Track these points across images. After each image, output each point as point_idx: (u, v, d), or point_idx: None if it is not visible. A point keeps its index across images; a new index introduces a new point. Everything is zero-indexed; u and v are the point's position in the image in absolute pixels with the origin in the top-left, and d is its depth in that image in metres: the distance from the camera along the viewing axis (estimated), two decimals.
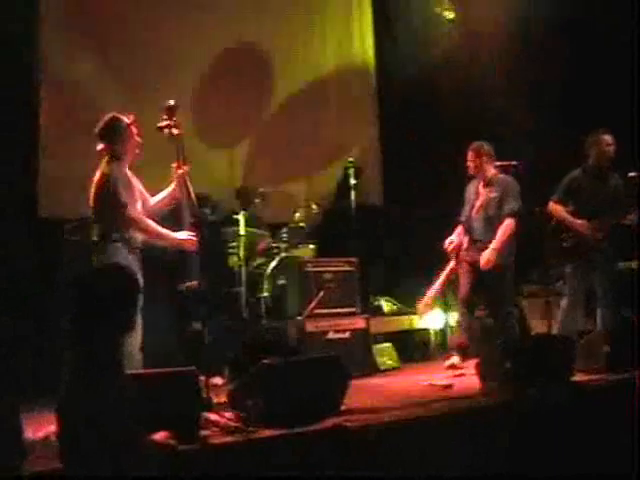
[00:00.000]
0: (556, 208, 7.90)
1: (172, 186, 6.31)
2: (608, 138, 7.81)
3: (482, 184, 8.01)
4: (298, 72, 10.79)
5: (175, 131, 6.23)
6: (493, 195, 7.86)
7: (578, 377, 6.50)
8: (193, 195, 6.15)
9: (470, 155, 7.95)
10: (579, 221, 7.78)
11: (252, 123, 10.26)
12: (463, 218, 8.08)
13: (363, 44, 11.59)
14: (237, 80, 10.05)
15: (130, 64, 9.20)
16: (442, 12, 11.17)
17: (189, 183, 6.18)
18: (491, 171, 7.94)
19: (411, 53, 10.93)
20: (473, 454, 5.30)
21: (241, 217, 8.20)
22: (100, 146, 6.08)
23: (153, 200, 6.36)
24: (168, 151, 6.33)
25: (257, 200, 8.72)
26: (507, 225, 7.73)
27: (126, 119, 6.12)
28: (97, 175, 6.03)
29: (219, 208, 8.75)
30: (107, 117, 6.14)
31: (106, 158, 6.05)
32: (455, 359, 7.76)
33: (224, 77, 9.98)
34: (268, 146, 10.26)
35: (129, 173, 6.16)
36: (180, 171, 6.21)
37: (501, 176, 7.90)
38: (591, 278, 7.85)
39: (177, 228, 6.24)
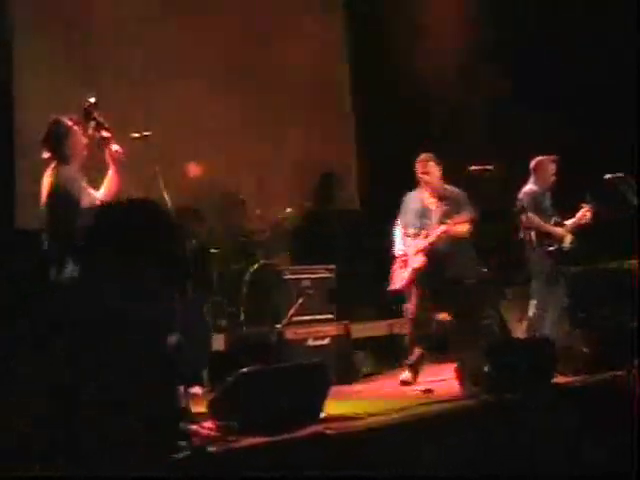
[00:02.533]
0: (532, 218, 8.15)
1: (109, 174, 5.93)
2: (553, 166, 8.33)
3: (431, 196, 7.79)
4: (273, 80, 10.77)
5: (106, 134, 5.87)
6: (446, 208, 7.67)
7: (558, 379, 6.52)
8: (168, 202, 5.93)
9: (421, 166, 7.81)
10: (553, 227, 8.17)
11: (229, 131, 10.22)
12: (413, 229, 7.74)
13: (338, 51, 11.62)
14: (215, 88, 10.03)
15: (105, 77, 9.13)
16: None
17: (163, 188, 5.89)
18: (441, 183, 7.82)
19: (385, 59, 10.95)
20: (454, 458, 5.29)
21: (220, 224, 8.18)
22: (46, 154, 5.78)
23: (100, 195, 5.93)
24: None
25: (236, 208, 8.68)
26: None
27: (68, 121, 5.83)
28: (45, 184, 5.71)
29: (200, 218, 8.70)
30: (49, 122, 5.84)
31: (53, 164, 5.75)
32: (407, 375, 7.44)
33: (198, 83, 9.95)
34: (244, 151, 10.23)
35: (79, 177, 5.84)
36: (113, 149, 5.84)
37: (449, 188, 7.81)
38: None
39: None
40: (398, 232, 7.82)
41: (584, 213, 8.21)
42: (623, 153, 8.96)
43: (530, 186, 8.31)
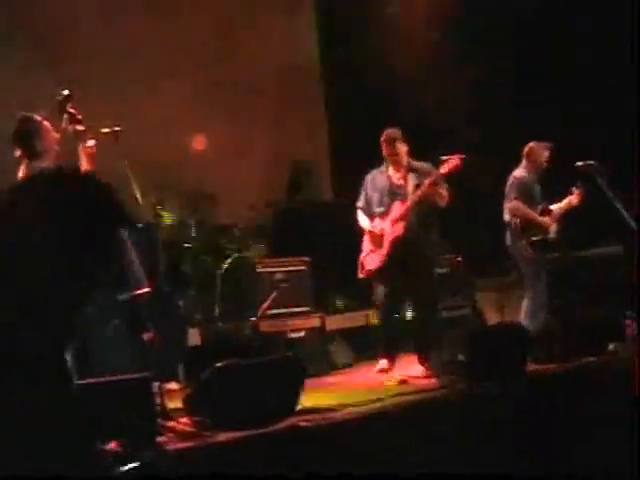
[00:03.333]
0: (518, 205, 8.08)
1: (82, 168, 5.78)
2: (547, 153, 8.26)
3: (398, 171, 7.49)
4: (243, 73, 10.73)
5: (80, 127, 5.80)
6: (419, 180, 7.36)
7: (533, 367, 6.55)
8: (139, 197, 5.88)
9: (388, 147, 7.45)
10: (540, 217, 8.08)
11: (198, 125, 10.18)
12: (382, 208, 7.43)
13: (309, 41, 11.60)
14: (179, 82, 9.98)
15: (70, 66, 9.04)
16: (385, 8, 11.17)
17: (133, 183, 5.86)
18: (409, 160, 7.54)
19: (357, 50, 10.95)
20: (431, 449, 5.31)
21: (192, 220, 8.16)
22: (18, 152, 5.66)
23: None
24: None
25: (207, 203, 8.66)
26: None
27: (37, 117, 5.70)
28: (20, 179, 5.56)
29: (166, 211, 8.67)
30: (18, 119, 5.72)
31: (25, 161, 5.63)
32: (383, 362, 7.37)
33: (167, 79, 9.90)
34: (217, 147, 10.20)
35: None
36: (88, 144, 5.78)
37: (418, 163, 7.52)
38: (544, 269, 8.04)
39: None
40: (362, 214, 7.57)
41: (575, 197, 8.17)
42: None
43: (520, 171, 8.24)
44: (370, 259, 7.40)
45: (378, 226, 7.37)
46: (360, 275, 7.50)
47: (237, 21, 10.73)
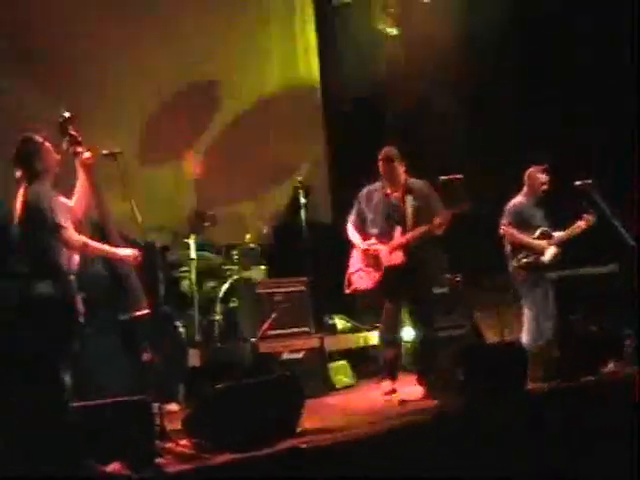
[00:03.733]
0: (510, 231, 8.17)
1: (81, 179, 5.88)
2: (543, 176, 8.31)
3: (394, 191, 7.38)
4: (244, 92, 10.76)
5: (80, 149, 5.83)
6: (418, 205, 7.30)
7: (531, 385, 6.55)
8: (139, 219, 5.86)
9: (386, 167, 7.35)
10: (533, 240, 8.14)
11: (199, 144, 10.20)
12: (377, 230, 7.36)
13: (308, 62, 11.64)
14: (183, 102, 10.01)
15: (70, 90, 9.05)
16: (384, 29, 11.22)
17: (134, 206, 5.86)
18: (405, 179, 7.43)
19: (356, 70, 10.99)
20: (430, 468, 5.30)
21: (191, 241, 8.18)
22: (19, 173, 5.67)
23: (72, 203, 5.86)
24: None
25: (207, 224, 8.65)
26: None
27: (39, 137, 5.72)
28: (19, 202, 5.62)
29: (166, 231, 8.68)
30: (19, 140, 5.73)
31: (25, 183, 5.64)
32: (387, 384, 7.27)
33: (170, 99, 9.93)
34: (216, 167, 10.20)
35: (53, 192, 5.72)
36: (84, 156, 5.82)
37: (414, 181, 7.45)
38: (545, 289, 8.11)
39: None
40: (354, 230, 7.50)
41: (584, 222, 8.17)
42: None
43: (518, 198, 8.35)
44: (359, 277, 7.38)
45: (373, 246, 7.31)
46: (346, 290, 7.49)
47: (237, 41, 10.75)
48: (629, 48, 9.70)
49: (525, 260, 8.07)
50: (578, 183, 7.94)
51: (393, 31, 11.31)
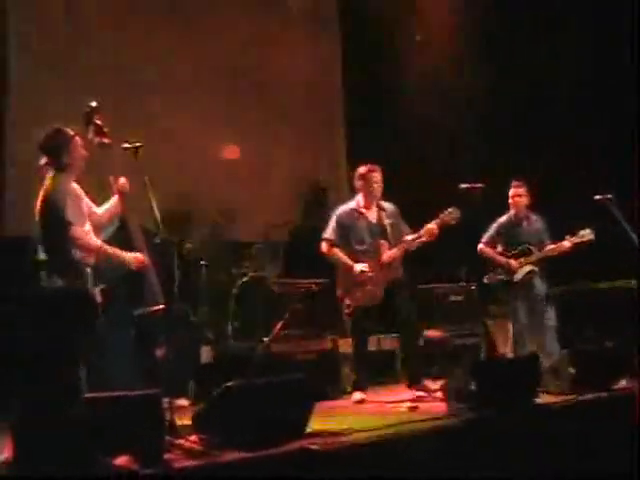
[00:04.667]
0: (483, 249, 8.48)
1: (113, 200, 6.03)
2: (512, 190, 8.50)
3: (369, 209, 7.66)
4: (265, 92, 10.79)
5: (105, 140, 5.91)
6: (394, 222, 7.63)
7: (543, 398, 6.52)
8: (157, 213, 5.79)
9: (372, 177, 7.60)
10: (506, 259, 8.37)
11: (218, 142, 10.22)
12: (364, 246, 7.56)
13: (331, 64, 11.66)
14: (201, 99, 10.04)
15: (100, 83, 9.11)
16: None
17: (152, 199, 5.79)
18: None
19: (379, 76, 11.01)
20: (437, 474, 5.29)
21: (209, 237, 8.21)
22: (43, 160, 5.79)
23: (99, 211, 6.04)
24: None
25: (225, 220, 8.68)
26: None
27: (70, 131, 5.85)
28: (42, 191, 5.72)
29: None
30: (50, 130, 5.84)
31: (51, 173, 5.77)
32: (358, 395, 7.41)
33: (189, 95, 9.96)
34: (235, 165, 10.24)
35: (76, 187, 5.89)
36: (120, 182, 5.94)
37: (384, 203, 7.71)
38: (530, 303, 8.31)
39: (127, 248, 5.90)
40: (338, 250, 7.59)
41: (568, 242, 8.27)
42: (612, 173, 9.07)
43: (504, 215, 8.55)
44: (356, 298, 7.44)
45: (367, 266, 7.45)
46: (347, 312, 7.50)
47: (261, 39, 10.79)
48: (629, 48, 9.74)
49: (499, 277, 8.32)
50: (598, 197, 7.92)
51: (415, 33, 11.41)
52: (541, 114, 10.42)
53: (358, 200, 7.68)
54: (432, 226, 7.38)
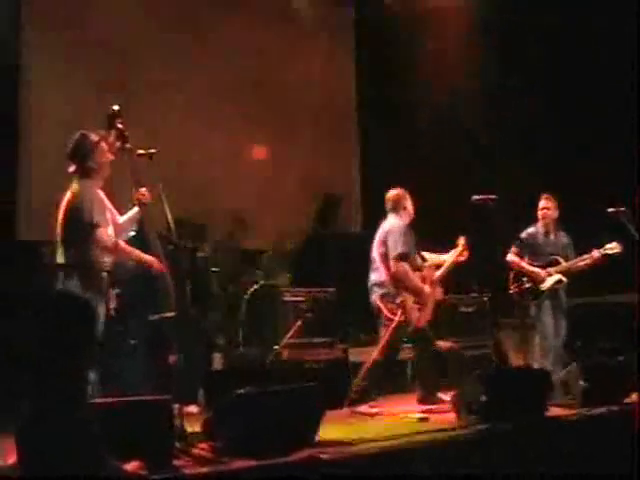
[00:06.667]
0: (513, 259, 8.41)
1: (134, 210, 6.08)
2: (542, 203, 8.46)
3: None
4: (279, 103, 10.82)
5: (127, 145, 5.93)
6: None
7: (553, 411, 6.51)
8: (170, 219, 5.85)
9: (404, 198, 7.82)
10: (534, 268, 8.29)
11: (232, 151, 10.25)
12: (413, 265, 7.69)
13: (345, 76, 11.69)
14: (216, 109, 10.07)
15: (115, 88, 9.14)
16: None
17: (166, 206, 5.86)
18: None
19: (392, 85, 11.03)
20: None
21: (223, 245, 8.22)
22: (72, 167, 5.86)
23: (121, 220, 6.11)
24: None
25: (237, 228, 8.69)
26: None
27: (95, 136, 5.91)
28: (67, 195, 5.79)
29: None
30: (76, 136, 5.91)
31: (76, 177, 5.83)
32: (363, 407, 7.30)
33: (204, 106, 10.00)
34: (249, 173, 10.26)
35: (100, 193, 5.95)
36: (141, 192, 5.96)
37: None
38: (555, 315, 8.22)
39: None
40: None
41: (590, 257, 8.24)
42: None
43: (531, 226, 8.50)
44: (420, 317, 7.51)
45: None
46: (414, 327, 7.53)
47: (277, 50, 10.82)
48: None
49: (526, 286, 8.23)
50: (611, 210, 7.90)
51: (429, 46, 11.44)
52: (557, 129, 10.41)
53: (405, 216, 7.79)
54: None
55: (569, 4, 10.31)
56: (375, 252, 7.63)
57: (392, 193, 7.82)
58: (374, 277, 7.57)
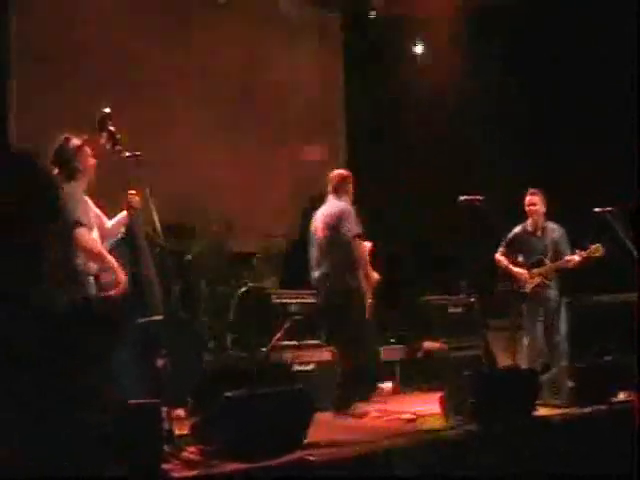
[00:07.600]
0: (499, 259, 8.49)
1: (123, 214, 6.06)
2: (528, 198, 8.52)
3: None
4: (267, 107, 10.82)
5: (118, 147, 5.88)
6: None
7: (542, 411, 6.52)
8: (157, 223, 5.78)
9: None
10: (518, 269, 8.38)
11: (219, 154, 10.23)
12: None
13: (332, 78, 11.69)
14: (202, 112, 10.06)
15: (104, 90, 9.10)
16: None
17: (153, 208, 5.79)
18: None
19: (380, 88, 11.04)
20: None
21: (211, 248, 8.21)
22: (55, 171, 5.83)
23: (108, 224, 6.10)
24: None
25: (223, 230, 8.68)
26: None
27: (77, 140, 5.90)
28: None
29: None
30: (58, 140, 5.89)
31: (61, 183, 5.77)
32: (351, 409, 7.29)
33: (189, 109, 9.99)
34: (235, 176, 10.25)
35: (87, 198, 5.94)
36: (131, 195, 5.96)
37: None
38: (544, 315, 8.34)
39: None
40: None
41: (578, 256, 8.31)
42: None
43: (519, 225, 8.58)
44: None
45: None
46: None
47: (264, 53, 10.82)
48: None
49: (505, 288, 8.37)
50: (597, 210, 7.90)
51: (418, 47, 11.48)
52: (548, 128, 10.43)
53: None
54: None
55: (569, 4, 10.33)
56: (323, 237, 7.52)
57: (336, 173, 7.75)
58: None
